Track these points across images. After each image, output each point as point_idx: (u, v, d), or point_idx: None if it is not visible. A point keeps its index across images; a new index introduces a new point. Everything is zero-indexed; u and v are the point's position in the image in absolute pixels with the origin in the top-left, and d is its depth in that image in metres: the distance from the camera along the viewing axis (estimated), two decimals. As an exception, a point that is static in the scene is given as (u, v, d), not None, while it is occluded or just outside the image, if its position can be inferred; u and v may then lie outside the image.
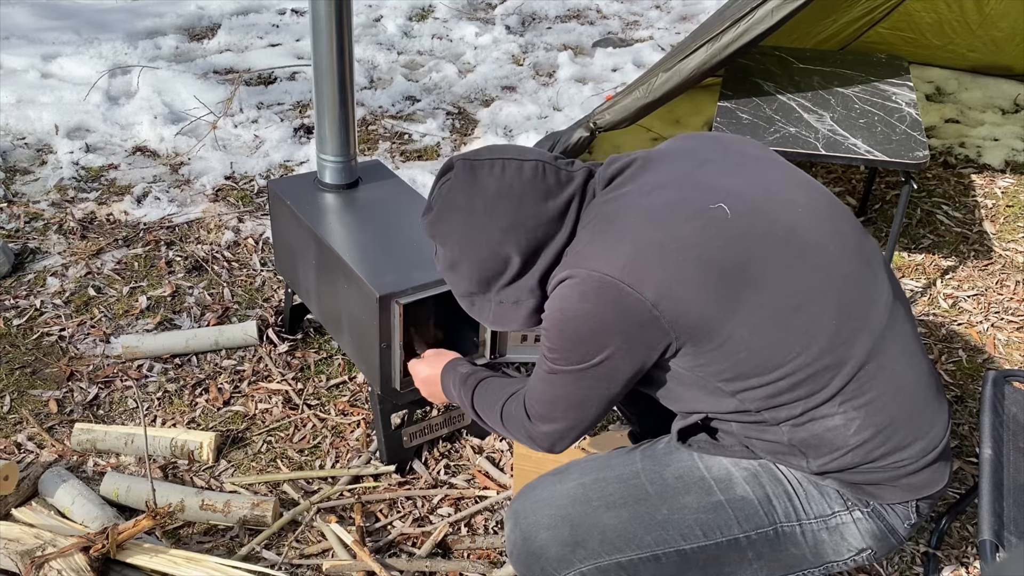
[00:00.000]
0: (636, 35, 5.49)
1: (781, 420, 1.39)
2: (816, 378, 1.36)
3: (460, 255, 1.50)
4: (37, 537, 1.91)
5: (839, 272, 1.40)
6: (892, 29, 4.32)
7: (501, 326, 1.56)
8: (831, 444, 1.39)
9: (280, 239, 2.54)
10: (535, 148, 1.56)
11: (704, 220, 1.35)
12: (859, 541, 1.47)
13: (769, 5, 2.66)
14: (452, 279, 1.56)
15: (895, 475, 1.42)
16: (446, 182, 1.51)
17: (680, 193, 1.40)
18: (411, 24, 5.48)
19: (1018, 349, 2.86)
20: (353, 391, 2.57)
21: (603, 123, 2.90)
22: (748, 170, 1.47)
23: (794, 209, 1.41)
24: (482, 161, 1.48)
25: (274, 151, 3.88)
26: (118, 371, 2.61)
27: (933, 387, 1.47)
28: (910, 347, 1.46)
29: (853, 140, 2.70)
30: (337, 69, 2.27)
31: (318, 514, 2.15)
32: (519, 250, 1.45)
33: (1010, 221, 3.59)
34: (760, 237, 1.36)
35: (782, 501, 1.46)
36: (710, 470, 1.49)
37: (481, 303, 1.55)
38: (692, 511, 1.46)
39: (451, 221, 1.49)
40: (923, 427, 1.43)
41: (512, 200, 1.44)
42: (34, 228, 3.29)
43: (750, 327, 1.33)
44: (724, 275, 1.32)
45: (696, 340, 1.34)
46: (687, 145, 1.54)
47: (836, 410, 1.37)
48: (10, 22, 5.04)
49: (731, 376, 1.37)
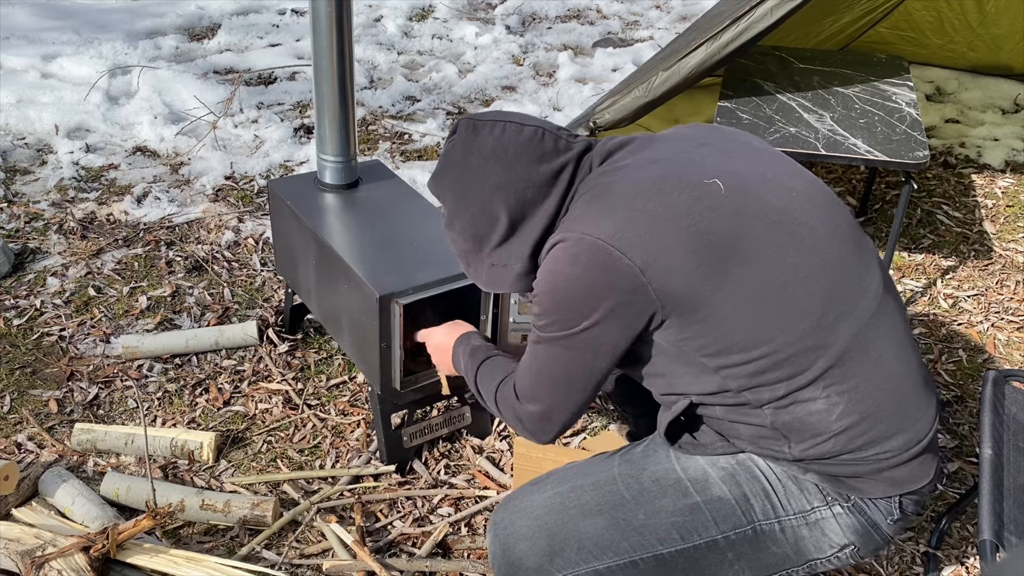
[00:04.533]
0: (636, 35, 5.49)
1: (764, 402, 1.39)
2: (799, 359, 1.36)
3: (455, 211, 1.53)
4: (37, 537, 1.91)
5: (829, 256, 1.40)
6: (892, 28, 4.32)
7: (493, 288, 1.58)
8: (813, 428, 1.39)
9: (280, 239, 2.54)
10: (539, 117, 1.57)
11: (698, 192, 1.37)
12: (840, 537, 1.46)
13: (768, 4, 2.66)
14: (451, 236, 1.58)
15: (877, 467, 1.41)
16: (451, 140, 1.54)
17: (676, 167, 1.42)
18: (411, 24, 5.49)
19: (1018, 349, 2.86)
20: (353, 391, 2.57)
21: (603, 122, 2.90)
22: (746, 156, 1.48)
23: (788, 194, 1.43)
24: (485, 122, 1.51)
25: (274, 151, 3.88)
26: (118, 371, 2.61)
27: (921, 381, 1.47)
28: (899, 339, 1.46)
29: (853, 140, 2.70)
30: (337, 69, 2.27)
31: (318, 514, 2.15)
32: (507, 209, 1.47)
33: (1010, 221, 3.59)
34: (752, 215, 1.37)
35: (760, 499, 1.46)
36: (687, 471, 1.49)
37: (475, 263, 1.57)
38: (668, 514, 1.46)
39: (448, 176, 1.53)
40: (908, 419, 1.43)
41: (506, 159, 1.47)
42: (34, 228, 3.29)
43: (735, 301, 1.34)
44: (713, 248, 1.34)
45: (682, 311, 1.35)
46: (687, 131, 1.56)
47: (819, 394, 1.38)
48: (10, 22, 5.04)
49: (715, 351, 1.37)
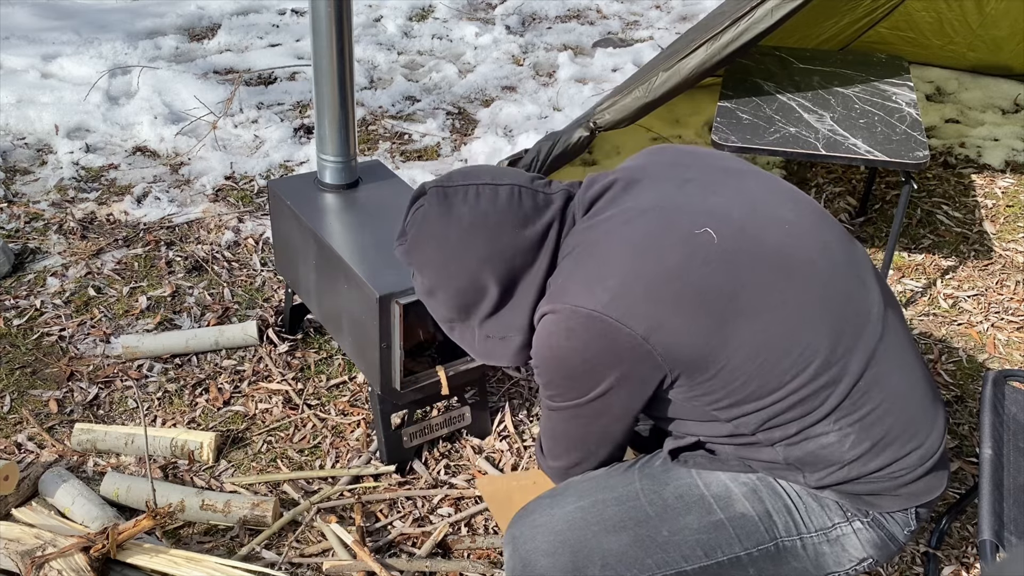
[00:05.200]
0: (636, 35, 5.49)
1: (776, 440, 1.38)
2: (812, 398, 1.34)
3: (436, 283, 1.46)
4: (37, 537, 1.91)
5: (831, 291, 1.38)
6: (892, 29, 4.32)
7: (490, 360, 1.53)
8: (826, 460, 1.38)
9: (280, 239, 2.54)
10: (510, 169, 1.50)
11: (690, 247, 1.32)
12: (860, 551, 1.46)
13: (769, 4, 2.66)
14: (431, 304, 1.52)
15: (894, 484, 1.41)
16: (419, 209, 1.46)
17: (663, 219, 1.36)
18: (411, 24, 5.48)
19: (1018, 349, 2.86)
20: (353, 391, 2.57)
21: (603, 123, 2.90)
22: (730, 186, 1.43)
23: (780, 227, 1.38)
24: (455, 188, 1.43)
25: (274, 151, 3.88)
26: (118, 371, 2.61)
27: (929, 394, 1.46)
28: (904, 356, 1.44)
29: (853, 140, 2.70)
30: (337, 69, 2.27)
31: (318, 514, 2.15)
32: (497, 280, 1.42)
33: (1010, 221, 3.59)
34: (749, 262, 1.33)
35: (782, 516, 1.44)
36: (709, 487, 1.46)
37: (463, 330, 1.52)
38: (693, 531, 1.44)
39: (426, 250, 1.45)
40: (920, 435, 1.42)
41: (487, 229, 1.40)
42: (34, 228, 3.29)
43: (744, 355, 1.31)
44: (714, 305, 1.30)
45: (690, 371, 1.32)
46: (664, 160, 1.49)
47: (831, 427, 1.36)
48: (10, 22, 5.04)
49: (727, 404, 1.35)
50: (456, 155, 3.97)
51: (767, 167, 3.88)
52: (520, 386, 2.62)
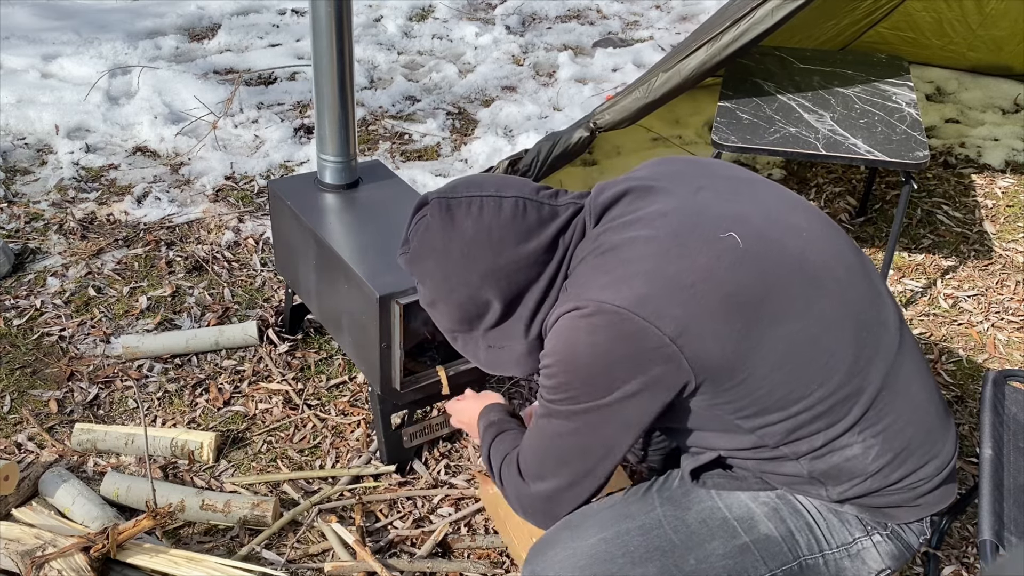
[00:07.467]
0: (636, 35, 5.49)
1: (801, 454, 1.35)
2: (836, 409, 1.32)
3: (438, 295, 1.45)
4: (37, 537, 1.91)
5: (851, 298, 1.36)
6: (892, 29, 4.32)
7: (495, 370, 1.52)
8: (850, 473, 1.37)
9: (280, 239, 2.54)
10: (515, 179, 1.47)
11: (717, 251, 1.29)
12: (879, 563, 1.45)
13: (769, 5, 2.66)
14: (433, 315, 1.51)
15: (913, 495, 1.40)
16: (422, 219, 1.44)
17: (687, 222, 1.33)
18: (411, 24, 5.48)
19: (1018, 349, 2.86)
20: (353, 391, 2.57)
21: (603, 123, 2.90)
22: (743, 194, 1.42)
23: (799, 234, 1.37)
24: (459, 199, 1.41)
25: (274, 151, 3.88)
26: (118, 371, 2.61)
27: (942, 404, 1.46)
28: (919, 366, 1.44)
29: (853, 140, 2.70)
30: (337, 69, 2.27)
31: (318, 514, 2.15)
32: (499, 294, 1.40)
33: (1010, 221, 3.59)
34: (773, 267, 1.31)
35: (804, 534, 1.43)
36: (731, 510, 1.43)
37: (466, 340, 1.51)
38: (719, 557, 1.41)
39: (427, 264, 1.44)
40: (937, 446, 1.42)
41: (490, 244, 1.38)
42: (34, 228, 3.29)
43: (771, 363, 1.28)
44: (744, 308, 1.27)
45: (716, 378, 1.28)
46: (673, 169, 1.47)
47: (856, 439, 1.34)
48: (10, 22, 5.04)
49: (751, 413, 1.32)
50: (456, 155, 3.97)
51: (767, 167, 3.88)
52: (520, 386, 2.62)
